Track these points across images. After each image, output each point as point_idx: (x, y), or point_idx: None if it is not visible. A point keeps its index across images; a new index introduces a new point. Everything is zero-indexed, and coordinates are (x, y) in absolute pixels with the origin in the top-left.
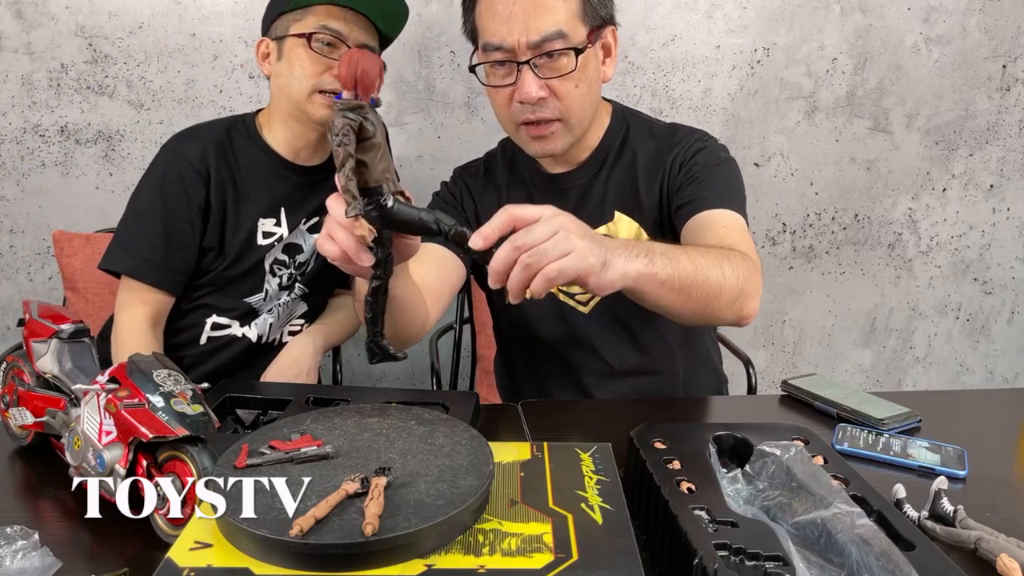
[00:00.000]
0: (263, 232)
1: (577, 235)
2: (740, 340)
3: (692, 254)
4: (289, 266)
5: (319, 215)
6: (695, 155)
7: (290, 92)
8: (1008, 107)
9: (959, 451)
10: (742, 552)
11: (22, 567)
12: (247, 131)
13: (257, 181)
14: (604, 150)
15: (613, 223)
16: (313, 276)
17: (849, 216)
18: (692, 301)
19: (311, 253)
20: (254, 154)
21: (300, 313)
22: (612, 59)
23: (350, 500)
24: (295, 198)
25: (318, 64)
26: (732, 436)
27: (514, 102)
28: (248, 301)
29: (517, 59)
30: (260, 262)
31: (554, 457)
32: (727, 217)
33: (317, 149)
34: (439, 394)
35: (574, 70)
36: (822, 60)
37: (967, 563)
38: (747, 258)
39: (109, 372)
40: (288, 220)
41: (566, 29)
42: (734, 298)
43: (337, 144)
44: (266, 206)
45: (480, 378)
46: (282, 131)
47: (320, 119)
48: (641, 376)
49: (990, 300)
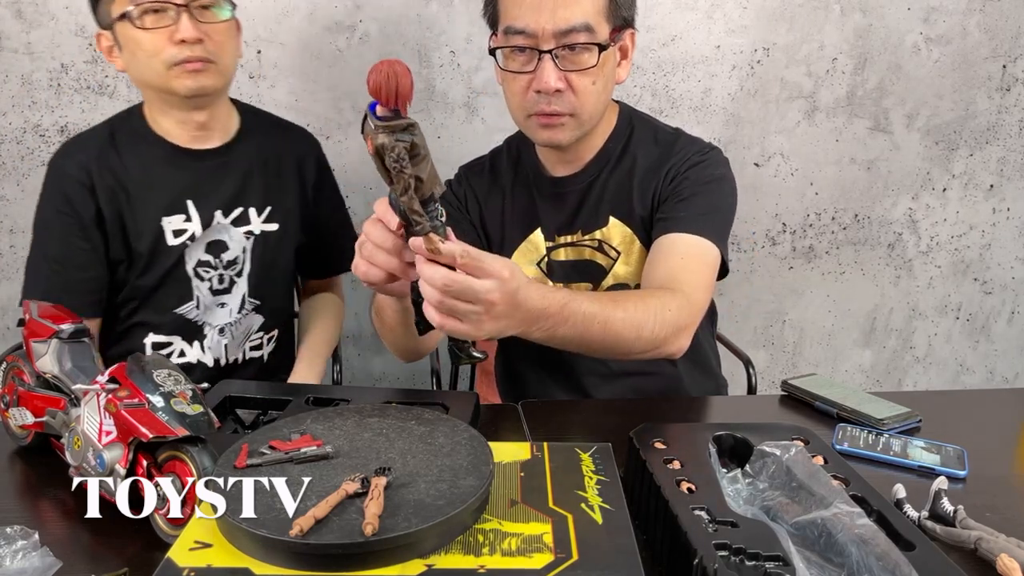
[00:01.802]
0: (172, 231)
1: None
2: (740, 340)
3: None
4: (216, 267)
5: (239, 205)
6: (688, 169)
7: (148, 79)
8: (1008, 107)
9: (959, 451)
10: (742, 552)
11: (22, 567)
12: (133, 128)
13: (152, 178)
14: (607, 153)
15: (607, 228)
16: (257, 285)
17: (849, 216)
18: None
19: (241, 250)
20: (145, 150)
21: (257, 327)
22: (628, 62)
23: (350, 500)
24: (201, 188)
25: (156, 39)
26: (732, 436)
27: (530, 91)
28: (180, 313)
29: (539, 47)
30: (178, 266)
31: (554, 457)
32: (690, 245)
33: (208, 128)
34: (439, 394)
35: (594, 66)
36: (822, 60)
37: (967, 563)
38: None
39: (109, 372)
40: (200, 213)
41: (592, 23)
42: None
43: (397, 171)
44: (168, 202)
45: (480, 378)
46: (165, 119)
47: (188, 91)
48: (640, 376)
49: (990, 300)
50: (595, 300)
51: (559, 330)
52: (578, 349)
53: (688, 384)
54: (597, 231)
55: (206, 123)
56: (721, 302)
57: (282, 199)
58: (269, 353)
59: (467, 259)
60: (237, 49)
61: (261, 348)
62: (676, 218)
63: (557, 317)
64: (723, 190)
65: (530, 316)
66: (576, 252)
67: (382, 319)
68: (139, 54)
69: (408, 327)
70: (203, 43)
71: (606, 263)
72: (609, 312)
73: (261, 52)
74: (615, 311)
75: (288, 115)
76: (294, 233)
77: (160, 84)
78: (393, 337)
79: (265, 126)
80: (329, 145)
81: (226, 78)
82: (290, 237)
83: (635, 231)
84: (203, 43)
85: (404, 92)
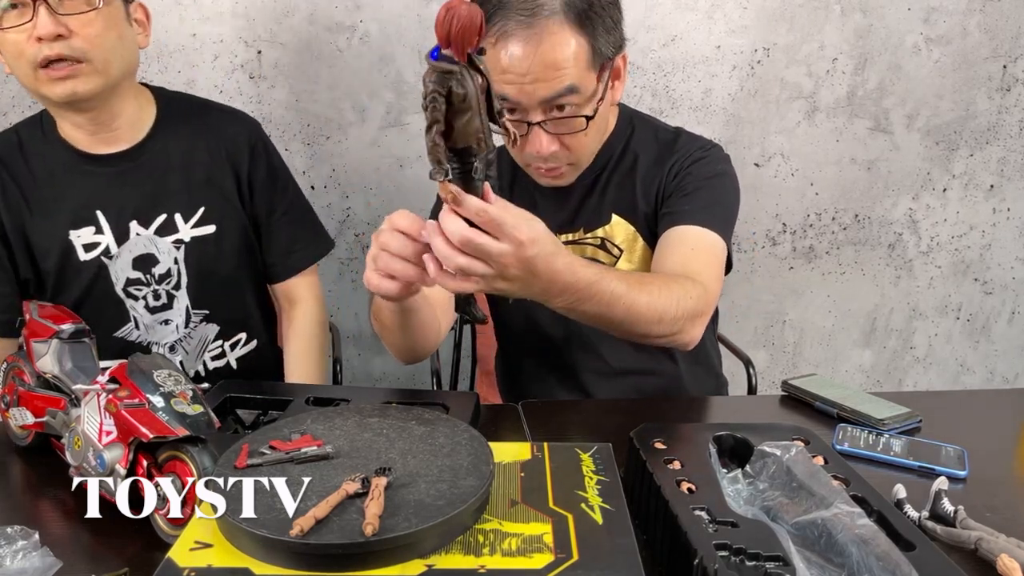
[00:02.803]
0: (82, 246)
1: (504, 279)
2: (740, 340)
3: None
4: (148, 283)
5: (160, 212)
6: (691, 165)
7: (23, 83)
8: (1008, 107)
9: (959, 451)
10: (742, 552)
11: (22, 567)
12: (42, 133)
13: (58, 188)
14: (608, 154)
15: (610, 226)
16: (200, 296)
17: (849, 216)
18: (619, 332)
19: (172, 262)
20: (51, 157)
21: (214, 337)
22: (622, 82)
23: (350, 500)
24: (110, 196)
25: (16, 39)
26: (732, 436)
27: (525, 152)
28: (121, 336)
29: (527, 119)
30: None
31: (554, 457)
32: (699, 237)
33: (112, 128)
34: (439, 394)
35: (584, 128)
36: (822, 60)
37: (967, 563)
38: (697, 289)
39: (109, 372)
40: (111, 224)
41: (576, 83)
42: (666, 334)
43: (424, 108)
44: (75, 214)
45: (480, 378)
46: (63, 124)
47: (60, 97)
48: (640, 376)
49: (990, 300)
50: (623, 280)
51: (582, 305)
52: (596, 324)
53: (689, 382)
54: (600, 229)
55: (108, 123)
56: (721, 302)
57: (215, 197)
58: (238, 359)
59: (484, 216)
60: (123, 40)
61: (224, 356)
62: (682, 211)
63: (584, 293)
64: (726, 185)
65: (553, 288)
66: (578, 250)
67: (381, 321)
68: (6, 56)
69: (406, 329)
70: (67, 39)
71: (609, 261)
72: (635, 295)
73: (261, 52)
74: (640, 295)
75: (288, 115)
76: (235, 231)
77: (32, 89)
78: (393, 339)
79: (185, 115)
80: (329, 145)
81: (108, 77)
82: (230, 237)
83: (638, 228)
84: (67, 39)
85: (462, 37)
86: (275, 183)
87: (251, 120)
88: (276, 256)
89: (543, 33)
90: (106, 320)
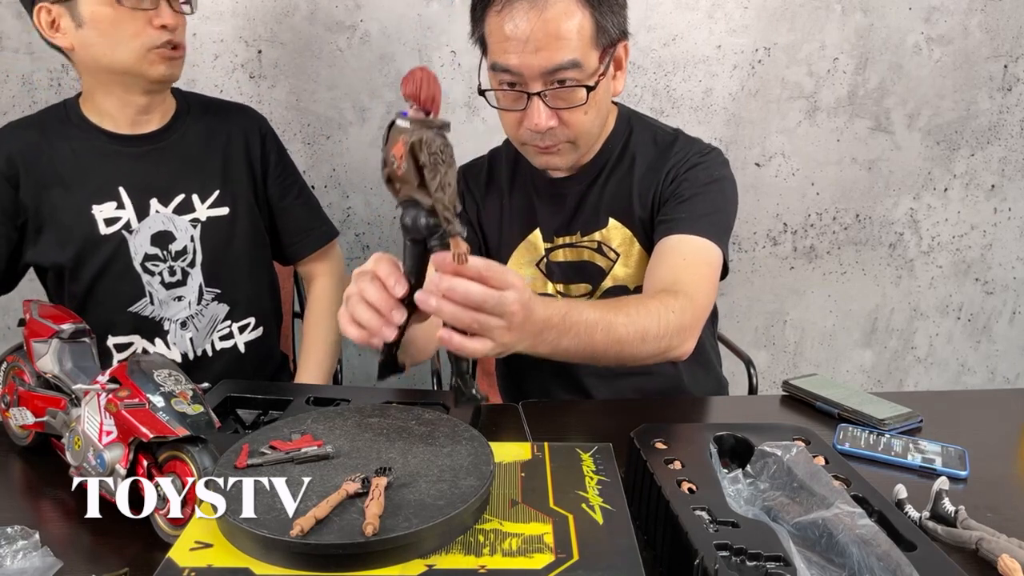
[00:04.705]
0: (104, 220)
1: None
2: (741, 340)
3: (614, 325)
4: (165, 259)
5: (179, 192)
6: (689, 170)
7: (112, 60)
8: (1009, 107)
9: (960, 451)
10: (743, 552)
11: (22, 567)
12: (68, 117)
13: (84, 167)
14: (605, 155)
15: (607, 230)
16: (213, 274)
17: (850, 216)
18: (608, 361)
19: (188, 239)
20: (77, 140)
21: (224, 316)
22: (623, 72)
23: (351, 500)
24: (135, 173)
25: (137, 20)
26: (733, 436)
27: (523, 127)
28: (135, 311)
29: (527, 89)
30: (120, 260)
31: (555, 457)
32: (693, 246)
33: (149, 111)
34: (439, 394)
35: (585, 102)
36: (823, 60)
37: (968, 564)
38: (680, 301)
39: (109, 372)
40: (133, 200)
41: (579, 57)
42: (656, 353)
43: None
44: (97, 189)
45: (480, 378)
46: (106, 101)
47: (161, 76)
48: (641, 376)
49: (991, 300)
50: (595, 307)
51: (563, 341)
52: (585, 360)
53: (689, 383)
54: (596, 232)
55: (154, 106)
56: (722, 302)
57: (229, 181)
58: (246, 343)
59: (492, 271)
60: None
61: (232, 337)
62: (678, 219)
63: (560, 327)
64: (724, 191)
65: (536, 328)
66: (575, 253)
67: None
68: (115, 34)
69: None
70: (176, 31)
71: (605, 264)
72: (611, 318)
73: (261, 52)
74: (616, 316)
75: (288, 115)
76: (247, 215)
77: (131, 66)
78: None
79: (201, 107)
80: (329, 145)
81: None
82: (243, 220)
83: (635, 233)
84: (176, 31)
85: (438, 97)
86: (286, 169)
87: (259, 115)
88: (294, 236)
89: (548, 1)
90: (122, 294)
